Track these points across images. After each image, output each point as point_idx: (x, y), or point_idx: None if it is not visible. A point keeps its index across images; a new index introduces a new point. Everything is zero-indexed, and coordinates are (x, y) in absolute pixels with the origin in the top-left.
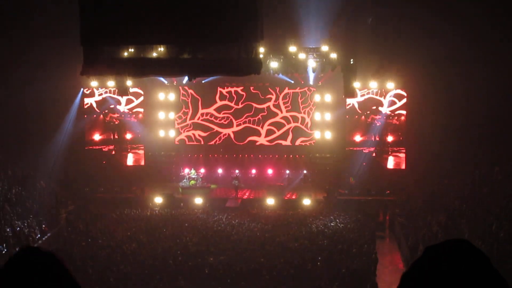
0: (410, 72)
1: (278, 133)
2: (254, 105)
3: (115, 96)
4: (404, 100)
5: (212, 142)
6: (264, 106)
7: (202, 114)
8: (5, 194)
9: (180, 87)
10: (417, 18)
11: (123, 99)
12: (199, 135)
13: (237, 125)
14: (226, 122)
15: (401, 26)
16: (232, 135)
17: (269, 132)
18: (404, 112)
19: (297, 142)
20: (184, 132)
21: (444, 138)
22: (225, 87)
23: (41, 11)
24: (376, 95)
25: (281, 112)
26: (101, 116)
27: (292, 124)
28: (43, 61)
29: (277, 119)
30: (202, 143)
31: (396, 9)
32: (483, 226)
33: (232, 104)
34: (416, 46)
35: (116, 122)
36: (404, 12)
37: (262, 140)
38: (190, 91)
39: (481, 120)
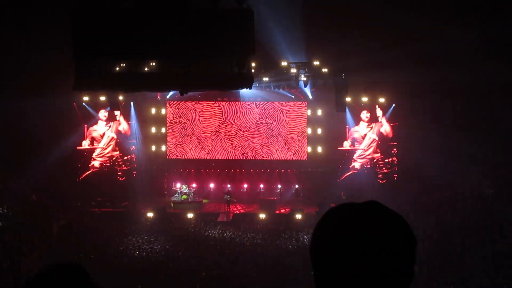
0: (400, 87)
1: (270, 148)
2: (245, 120)
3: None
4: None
5: (204, 157)
6: (255, 120)
7: (193, 129)
8: None
9: (170, 102)
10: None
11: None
12: (190, 150)
13: (229, 140)
14: (218, 137)
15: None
16: (224, 150)
17: (260, 147)
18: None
19: (289, 157)
20: (174, 147)
21: (431, 151)
22: (216, 101)
23: (37, 25)
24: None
25: (273, 126)
26: (93, 129)
27: (284, 139)
28: (38, 76)
29: (268, 133)
30: (194, 157)
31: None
32: (480, 243)
33: (224, 119)
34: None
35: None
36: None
37: (253, 154)
38: (179, 106)
39: (469, 137)
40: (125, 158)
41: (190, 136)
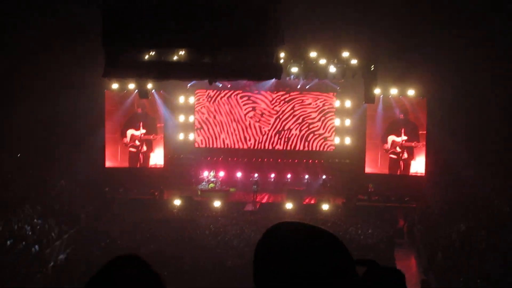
0: (431, 78)
1: (297, 138)
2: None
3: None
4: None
5: (232, 146)
6: (283, 110)
7: (221, 118)
8: (26, 193)
9: (198, 91)
10: (442, 24)
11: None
12: (218, 139)
13: (256, 130)
14: (245, 126)
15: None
16: (251, 140)
17: (288, 137)
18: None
19: (317, 148)
20: (202, 135)
21: (463, 147)
22: (245, 91)
23: (66, 14)
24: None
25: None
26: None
27: (312, 129)
28: (69, 64)
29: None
30: (222, 146)
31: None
32: (501, 237)
33: (253, 109)
34: (437, 54)
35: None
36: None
37: (281, 144)
38: (208, 95)
39: (501, 130)
40: (154, 146)
41: (218, 125)
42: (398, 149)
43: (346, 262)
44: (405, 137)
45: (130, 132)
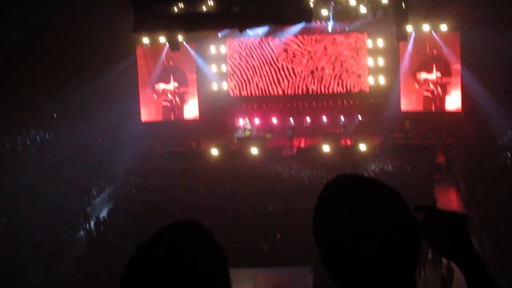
0: (464, 12)
1: (332, 88)
2: (305, 62)
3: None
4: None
5: (266, 93)
6: (316, 54)
7: (254, 66)
8: (65, 152)
9: (230, 40)
10: None
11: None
12: (252, 86)
13: (291, 75)
14: (279, 72)
15: None
16: (286, 85)
17: (322, 88)
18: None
19: (351, 89)
20: (236, 84)
21: (500, 81)
22: (276, 37)
23: None
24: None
25: (334, 67)
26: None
27: (345, 79)
28: (99, 22)
29: (330, 74)
30: (256, 94)
31: None
32: None
33: (284, 51)
34: None
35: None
36: None
37: (315, 84)
38: (240, 42)
39: None
40: (186, 98)
41: (251, 69)
42: (431, 86)
43: (406, 217)
44: (438, 73)
45: (161, 86)
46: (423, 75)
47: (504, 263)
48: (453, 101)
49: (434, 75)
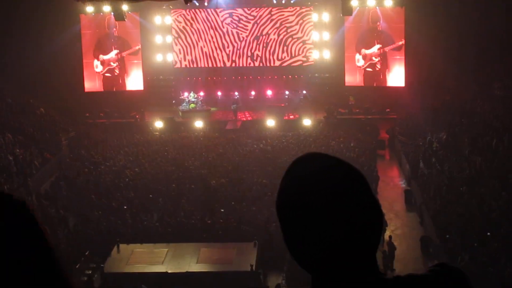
0: None
1: (276, 54)
2: (250, 27)
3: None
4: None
5: (211, 65)
6: (261, 27)
7: (198, 38)
8: (6, 122)
9: (174, 10)
10: None
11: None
12: (196, 58)
13: (235, 48)
14: (223, 45)
15: None
16: (230, 57)
17: (267, 54)
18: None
19: (296, 63)
20: (180, 56)
21: (443, 55)
22: (219, 10)
23: None
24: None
25: (279, 32)
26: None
27: (290, 45)
28: None
29: (275, 40)
30: (200, 66)
31: None
32: (484, 142)
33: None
34: None
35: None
36: None
37: (260, 61)
38: (184, 14)
39: (479, 37)
40: (128, 68)
41: (196, 44)
42: (374, 59)
43: (370, 198)
44: (380, 49)
45: (105, 57)
46: (366, 51)
47: (444, 236)
48: (396, 77)
49: (377, 50)
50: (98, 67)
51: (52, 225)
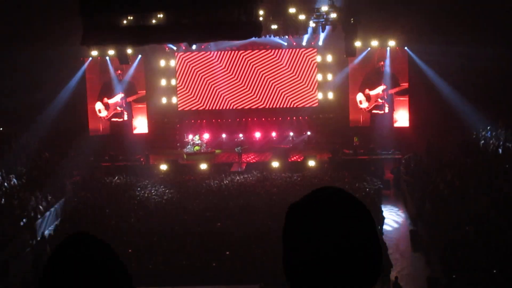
0: (412, 29)
1: (281, 96)
2: (254, 68)
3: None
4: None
5: (215, 108)
6: (264, 69)
7: (203, 80)
8: (11, 166)
9: (179, 54)
10: None
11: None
12: (201, 101)
13: (239, 90)
14: (228, 87)
15: None
16: (234, 100)
17: (271, 95)
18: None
19: (300, 104)
20: (185, 98)
21: (447, 95)
22: (225, 51)
23: None
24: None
25: (283, 74)
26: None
27: (295, 86)
28: (46, 33)
29: (278, 81)
30: (205, 108)
31: None
32: (489, 181)
33: (233, 68)
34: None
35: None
36: None
37: (264, 103)
38: (189, 57)
39: (484, 78)
40: (135, 113)
41: (201, 87)
42: (380, 101)
43: (373, 234)
44: (385, 90)
45: (110, 101)
46: (370, 92)
47: (452, 279)
48: (401, 117)
49: (382, 92)
50: (101, 111)
51: None
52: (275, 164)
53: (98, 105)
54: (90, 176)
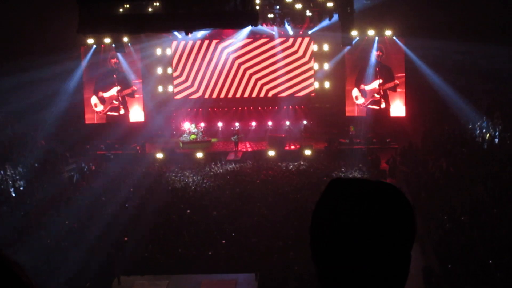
0: (409, 18)
1: (277, 85)
2: (251, 57)
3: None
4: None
5: (211, 96)
6: (261, 57)
7: (199, 69)
8: (6, 155)
9: (175, 42)
10: None
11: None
12: (197, 89)
13: (235, 78)
14: (224, 75)
15: None
16: (231, 88)
17: (268, 84)
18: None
19: (296, 93)
20: (183, 86)
21: (443, 85)
22: (221, 40)
23: None
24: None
25: (279, 63)
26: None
27: (291, 75)
28: (42, 20)
29: (275, 70)
30: (201, 97)
31: None
32: (485, 170)
33: (229, 58)
34: None
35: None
36: None
37: (261, 92)
38: (186, 45)
39: (481, 67)
40: (129, 104)
41: (197, 75)
42: (376, 96)
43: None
44: (381, 80)
45: (106, 94)
46: (366, 87)
47: (448, 269)
48: (397, 107)
49: (378, 86)
50: (97, 106)
51: (53, 257)
52: (271, 153)
53: (94, 99)
54: (86, 164)
